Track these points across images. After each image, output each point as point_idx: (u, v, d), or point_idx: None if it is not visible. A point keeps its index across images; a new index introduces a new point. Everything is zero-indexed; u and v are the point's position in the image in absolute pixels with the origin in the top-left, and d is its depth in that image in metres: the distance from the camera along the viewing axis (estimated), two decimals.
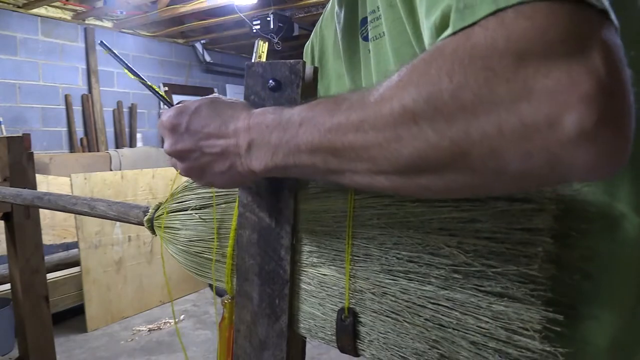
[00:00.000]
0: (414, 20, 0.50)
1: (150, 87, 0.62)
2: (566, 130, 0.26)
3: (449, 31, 0.32)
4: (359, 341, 0.50)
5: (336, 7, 0.70)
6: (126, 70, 0.62)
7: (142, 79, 0.62)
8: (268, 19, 4.10)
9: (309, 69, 0.50)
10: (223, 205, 0.60)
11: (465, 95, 0.28)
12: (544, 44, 0.27)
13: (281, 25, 4.11)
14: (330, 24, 0.78)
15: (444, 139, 0.29)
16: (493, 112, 0.27)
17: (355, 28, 0.66)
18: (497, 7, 0.29)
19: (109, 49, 0.64)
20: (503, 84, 0.27)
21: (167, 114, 0.48)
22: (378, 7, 0.57)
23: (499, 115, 0.27)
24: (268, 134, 0.41)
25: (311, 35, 0.84)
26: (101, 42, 0.65)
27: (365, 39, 0.63)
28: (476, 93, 0.28)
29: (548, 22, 0.27)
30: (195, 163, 0.47)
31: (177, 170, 0.51)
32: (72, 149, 4.61)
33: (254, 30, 4.22)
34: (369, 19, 0.61)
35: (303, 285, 0.54)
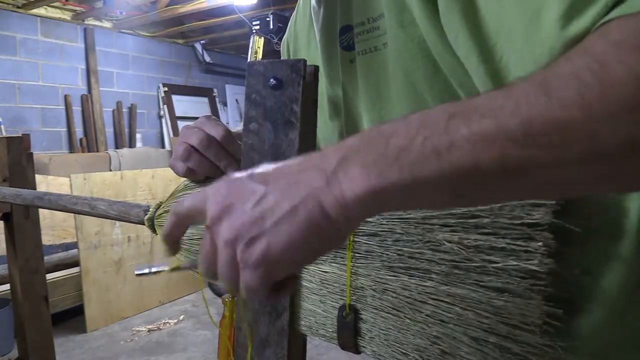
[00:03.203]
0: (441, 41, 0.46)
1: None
2: None
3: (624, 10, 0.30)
4: (360, 338, 0.50)
5: (314, 3, 0.65)
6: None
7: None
8: (267, 19, 4.10)
9: (309, 68, 0.51)
10: None
11: None
12: None
13: (280, 25, 4.11)
14: (302, 20, 0.75)
15: None
16: None
17: (332, 34, 0.62)
18: None
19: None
20: None
21: (215, 191, 0.35)
22: (369, 20, 0.55)
23: None
24: (370, 144, 0.30)
25: (286, 33, 0.81)
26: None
27: (346, 48, 0.60)
28: None
29: None
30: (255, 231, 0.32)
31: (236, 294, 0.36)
32: (71, 149, 4.61)
33: (254, 31, 4.22)
34: (355, 31, 0.57)
35: (304, 283, 0.54)
